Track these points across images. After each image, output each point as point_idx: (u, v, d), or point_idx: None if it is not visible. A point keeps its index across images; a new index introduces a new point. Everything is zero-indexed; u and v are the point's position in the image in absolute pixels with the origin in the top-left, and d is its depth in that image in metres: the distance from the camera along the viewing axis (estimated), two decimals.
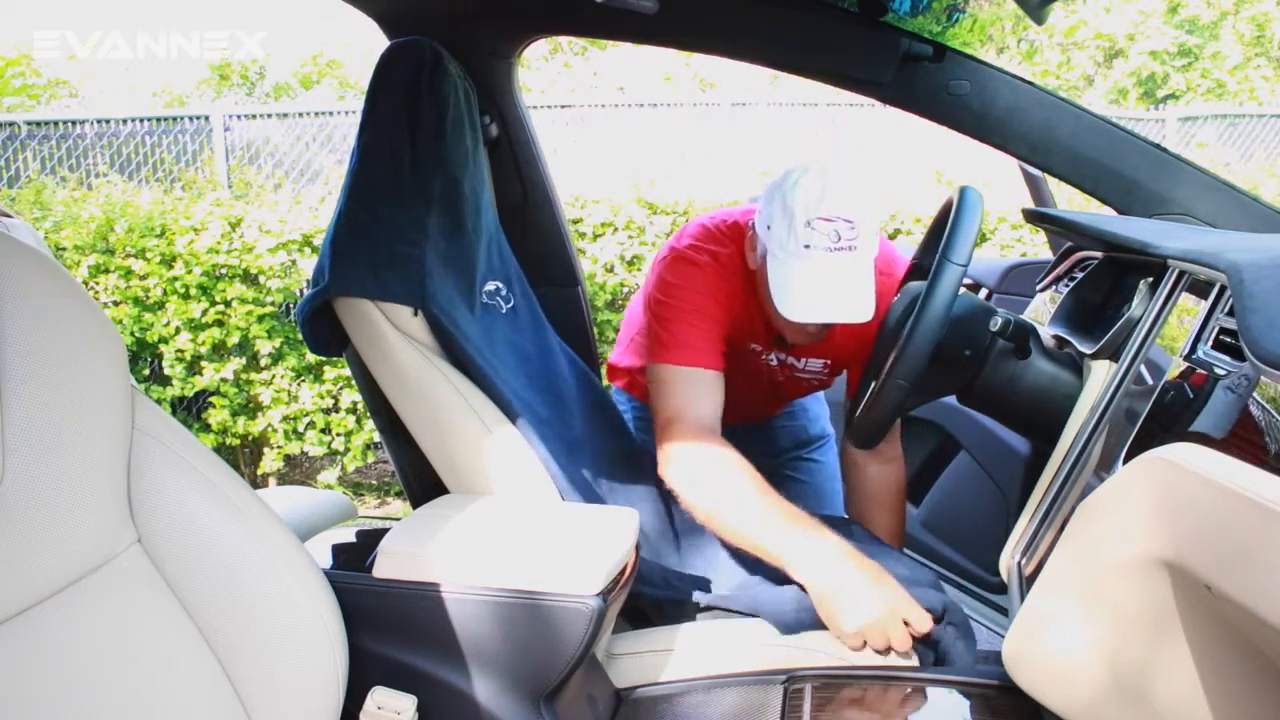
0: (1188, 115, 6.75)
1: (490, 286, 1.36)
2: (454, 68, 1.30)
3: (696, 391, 1.30)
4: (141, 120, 5.13)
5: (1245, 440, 0.68)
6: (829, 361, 1.51)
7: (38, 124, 5.16)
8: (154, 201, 3.70)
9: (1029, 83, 1.32)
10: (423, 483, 1.30)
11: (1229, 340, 0.80)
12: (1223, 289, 0.86)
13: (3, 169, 5.00)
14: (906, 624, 1.09)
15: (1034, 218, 1.56)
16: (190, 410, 3.84)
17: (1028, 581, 0.99)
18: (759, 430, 1.79)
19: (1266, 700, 0.69)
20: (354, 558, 1.09)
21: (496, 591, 0.95)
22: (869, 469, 1.54)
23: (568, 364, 1.51)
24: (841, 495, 1.81)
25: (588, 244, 3.89)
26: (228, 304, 3.54)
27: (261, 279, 3.56)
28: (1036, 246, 4.16)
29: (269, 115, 5.12)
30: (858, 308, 1.25)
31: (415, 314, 1.19)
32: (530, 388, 1.33)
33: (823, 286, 1.25)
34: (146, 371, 3.70)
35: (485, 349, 1.25)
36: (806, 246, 1.23)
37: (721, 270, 1.37)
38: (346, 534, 1.33)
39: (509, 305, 1.39)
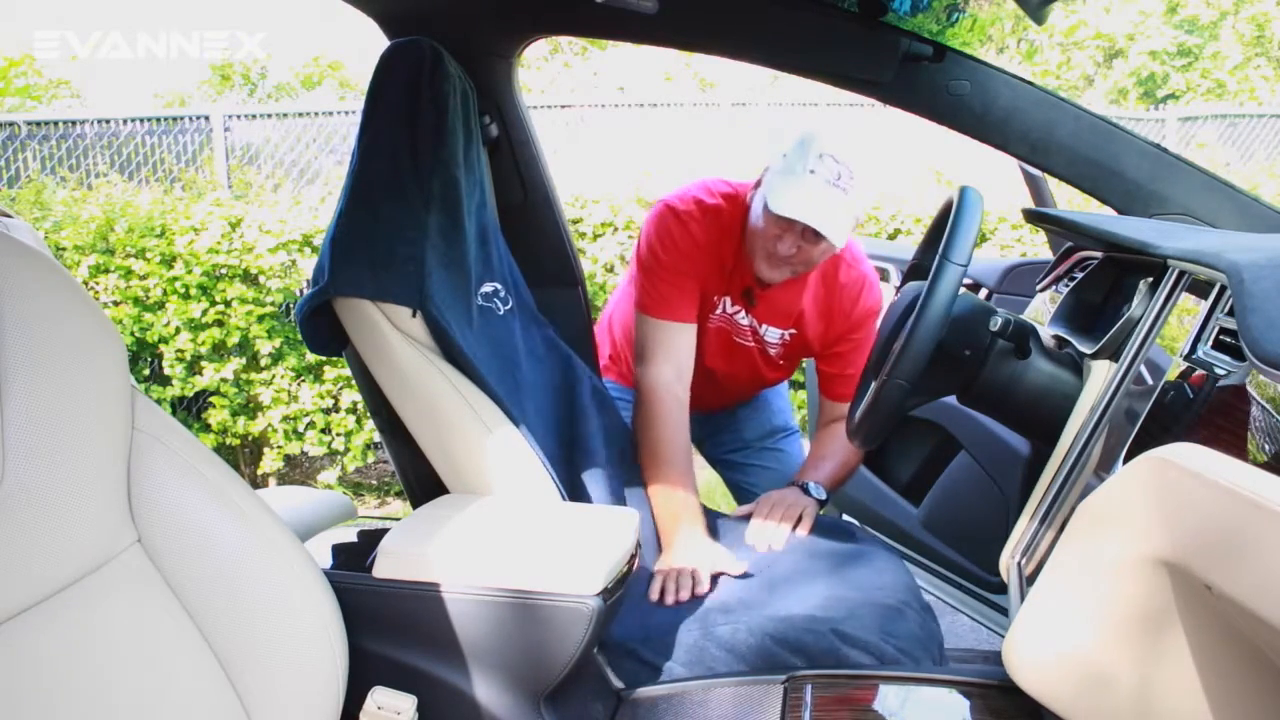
0: (1188, 115, 6.75)
1: (488, 288, 1.35)
2: (454, 68, 1.30)
3: (672, 343, 1.52)
4: (142, 120, 5.12)
5: (1245, 440, 0.68)
6: (788, 333, 1.62)
7: (38, 124, 5.14)
8: (154, 201, 3.69)
9: (1029, 83, 1.32)
10: (423, 483, 1.30)
11: (1229, 340, 0.80)
12: (1223, 289, 0.86)
13: (3, 169, 4.99)
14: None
15: (1034, 218, 1.56)
16: (190, 410, 3.84)
17: (1028, 581, 0.99)
18: (728, 422, 1.91)
19: (1266, 700, 0.69)
20: (354, 558, 1.09)
21: (497, 591, 0.95)
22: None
23: (567, 364, 1.51)
24: None
25: (588, 244, 3.88)
26: (228, 304, 3.54)
27: (261, 279, 3.56)
28: (1036, 246, 4.16)
29: (269, 116, 5.12)
30: (834, 229, 1.39)
31: (414, 314, 1.19)
32: (525, 389, 1.33)
33: (812, 200, 1.38)
34: (146, 371, 3.69)
35: (481, 350, 1.25)
36: (811, 171, 1.37)
37: (703, 220, 1.51)
38: (346, 534, 1.33)
39: (507, 307, 1.39)
